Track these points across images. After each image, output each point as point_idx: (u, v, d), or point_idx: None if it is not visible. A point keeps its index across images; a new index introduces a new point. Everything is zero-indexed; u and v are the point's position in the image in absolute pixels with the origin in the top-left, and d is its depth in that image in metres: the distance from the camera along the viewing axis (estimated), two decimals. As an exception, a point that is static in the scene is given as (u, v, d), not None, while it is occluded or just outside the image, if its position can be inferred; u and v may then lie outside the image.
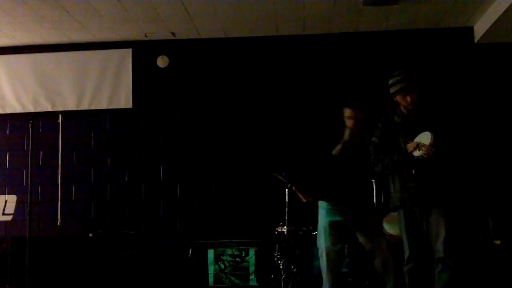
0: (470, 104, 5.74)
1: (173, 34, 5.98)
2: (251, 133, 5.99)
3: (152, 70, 6.17)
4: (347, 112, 4.29)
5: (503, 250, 5.01)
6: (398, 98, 3.86)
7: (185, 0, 5.10)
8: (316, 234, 4.61)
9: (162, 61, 6.17)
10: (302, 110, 5.96)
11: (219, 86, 6.12)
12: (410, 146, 3.71)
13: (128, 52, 6.15)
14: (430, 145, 3.58)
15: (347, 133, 4.23)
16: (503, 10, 4.99)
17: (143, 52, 6.17)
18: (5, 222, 6.04)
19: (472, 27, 5.87)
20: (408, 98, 3.81)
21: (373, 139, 4.00)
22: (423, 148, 3.60)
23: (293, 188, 4.83)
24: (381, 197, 4.77)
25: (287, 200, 4.77)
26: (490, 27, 5.39)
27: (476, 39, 5.83)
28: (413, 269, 3.81)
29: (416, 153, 3.66)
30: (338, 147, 4.25)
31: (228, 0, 5.14)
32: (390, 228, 4.53)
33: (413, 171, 3.75)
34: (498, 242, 5.11)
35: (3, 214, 6.06)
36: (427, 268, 3.82)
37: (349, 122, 4.27)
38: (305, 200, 4.94)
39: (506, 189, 5.52)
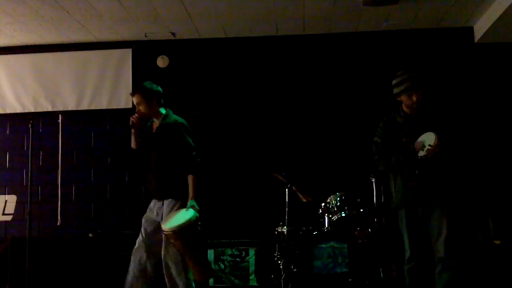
0: (470, 104, 5.74)
1: (173, 34, 5.98)
2: (251, 133, 5.99)
3: (152, 70, 6.16)
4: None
5: (503, 250, 5.01)
6: (403, 97, 3.84)
7: (185, 0, 5.10)
8: (316, 234, 4.63)
9: (162, 61, 6.17)
10: (302, 110, 5.96)
11: (219, 86, 6.12)
12: (417, 146, 3.70)
13: (128, 52, 6.15)
14: (435, 145, 3.57)
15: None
16: (503, 10, 4.99)
17: (143, 52, 6.16)
18: (5, 222, 6.05)
19: (472, 27, 5.87)
20: (414, 98, 3.79)
21: (376, 139, 3.99)
22: (428, 148, 3.60)
23: (293, 188, 4.83)
24: (381, 197, 4.77)
25: (287, 200, 4.77)
26: (490, 27, 5.39)
27: (476, 39, 5.83)
28: (414, 269, 3.82)
29: (420, 153, 3.65)
30: (132, 138, 4.20)
31: (228, 0, 5.14)
32: (162, 223, 4.03)
33: (416, 171, 3.74)
34: (498, 242, 5.11)
35: (3, 214, 6.07)
36: (427, 268, 3.83)
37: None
38: (305, 200, 4.95)
39: (506, 189, 5.52)
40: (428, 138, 3.64)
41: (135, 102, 4.24)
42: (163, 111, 4.29)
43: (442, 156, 3.64)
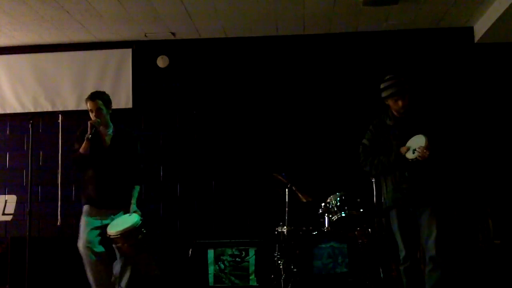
0: (470, 104, 5.74)
1: (173, 34, 5.98)
2: (251, 133, 5.99)
3: (152, 70, 6.17)
4: (88, 105, 4.35)
5: (503, 250, 5.02)
6: (390, 102, 3.92)
7: (185, 0, 5.11)
8: (316, 234, 4.63)
9: (162, 61, 6.17)
10: (302, 110, 5.96)
11: (219, 86, 6.12)
12: (402, 150, 3.77)
13: (128, 52, 6.15)
14: (425, 148, 3.61)
15: (88, 126, 4.23)
16: (503, 10, 4.99)
17: (143, 52, 6.17)
18: (5, 222, 6.05)
19: (472, 27, 5.87)
20: (400, 103, 3.86)
21: (364, 141, 4.08)
22: (418, 151, 3.64)
23: (293, 188, 4.83)
24: (381, 197, 4.78)
25: (287, 200, 4.77)
26: (490, 27, 5.39)
27: (476, 39, 5.83)
28: (410, 268, 3.86)
29: (411, 155, 3.69)
30: (84, 144, 4.20)
31: (228, 0, 5.14)
32: (108, 228, 4.19)
33: (406, 173, 3.79)
34: (498, 242, 5.12)
35: (3, 214, 6.07)
36: (423, 266, 3.86)
37: (91, 116, 4.33)
38: (305, 200, 4.95)
39: (506, 189, 5.52)
40: (418, 141, 3.68)
41: (93, 108, 4.33)
42: (109, 121, 4.42)
43: (432, 158, 3.67)
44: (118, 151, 4.33)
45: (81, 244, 4.24)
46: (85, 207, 4.35)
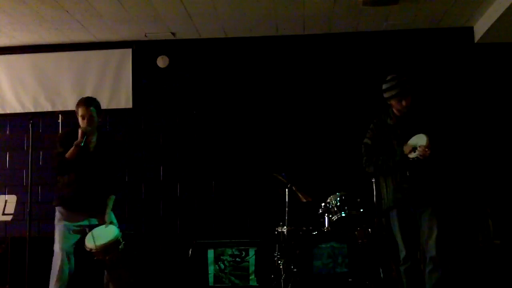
0: (470, 104, 5.74)
1: (173, 34, 5.98)
2: (251, 133, 5.99)
3: (152, 70, 6.17)
4: (80, 111, 4.22)
5: (503, 250, 5.02)
6: (393, 102, 3.91)
7: (185, 0, 5.11)
8: (316, 234, 4.63)
9: (162, 61, 6.17)
10: (302, 110, 5.96)
11: (219, 86, 6.12)
12: (406, 149, 3.74)
13: (128, 52, 6.15)
14: (426, 147, 3.61)
15: (79, 133, 4.11)
16: (503, 10, 4.99)
17: (143, 52, 6.17)
18: (5, 222, 6.05)
19: (472, 27, 5.87)
20: (404, 103, 3.86)
21: (365, 140, 4.06)
22: (419, 150, 3.64)
23: (293, 188, 4.84)
24: (381, 197, 4.78)
25: (287, 200, 4.77)
26: (490, 27, 5.39)
27: (476, 39, 5.83)
28: (410, 269, 3.86)
29: (412, 155, 3.69)
30: (73, 150, 4.11)
31: (228, 0, 5.14)
32: (88, 241, 4.11)
33: (407, 172, 3.79)
34: (498, 242, 5.12)
35: (3, 214, 6.07)
36: (423, 267, 3.86)
37: (82, 122, 4.20)
38: (305, 200, 4.95)
39: (506, 189, 5.52)
40: (419, 140, 3.68)
41: (86, 114, 4.20)
42: (95, 129, 4.34)
43: (432, 158, 3.67)
44: (99, 158, 4.27)
45: (58, 247, 4.18)
46: (60, 209, 4.25)
